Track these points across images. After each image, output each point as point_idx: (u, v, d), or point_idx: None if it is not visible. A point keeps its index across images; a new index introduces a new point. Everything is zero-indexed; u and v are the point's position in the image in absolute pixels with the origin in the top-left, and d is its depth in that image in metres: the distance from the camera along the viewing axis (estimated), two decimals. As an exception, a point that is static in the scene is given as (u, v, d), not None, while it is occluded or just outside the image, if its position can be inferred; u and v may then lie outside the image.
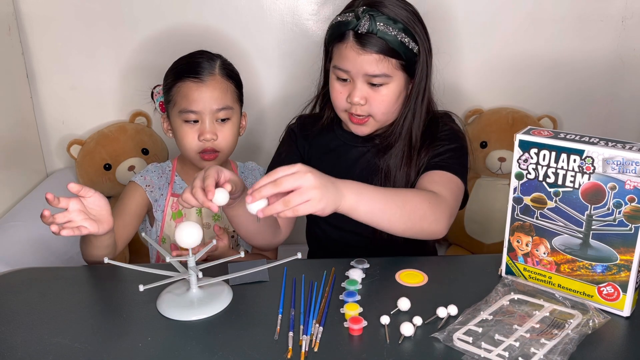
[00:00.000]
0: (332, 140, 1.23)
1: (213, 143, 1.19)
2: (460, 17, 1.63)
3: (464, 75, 1.69)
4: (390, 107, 1.13)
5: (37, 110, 1.68)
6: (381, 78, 1.09)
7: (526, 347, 0.76)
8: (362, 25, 1.07)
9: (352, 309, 0.85)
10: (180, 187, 1.27)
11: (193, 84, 1.17)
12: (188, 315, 0.86)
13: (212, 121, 1.18)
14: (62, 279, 0.99)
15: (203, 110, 1.17)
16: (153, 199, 1.25)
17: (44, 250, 1.35)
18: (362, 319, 0.82)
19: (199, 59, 1.20)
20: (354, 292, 0.90)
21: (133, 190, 1.25)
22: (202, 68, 1.18)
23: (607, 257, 0.83)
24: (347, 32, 1.09)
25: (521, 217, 0.90)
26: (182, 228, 0.86)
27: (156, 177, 1.27)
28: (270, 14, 1.62)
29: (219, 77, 1.20)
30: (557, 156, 0.83)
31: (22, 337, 0.82)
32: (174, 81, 1.19)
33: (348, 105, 1.13)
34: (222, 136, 1.19)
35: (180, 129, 1.19)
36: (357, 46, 1.08)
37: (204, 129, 1.18)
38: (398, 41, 1.08)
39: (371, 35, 1.07)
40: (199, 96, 1.17)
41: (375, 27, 1.06)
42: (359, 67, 1.09)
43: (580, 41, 1.66)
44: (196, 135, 1.18)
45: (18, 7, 1.58)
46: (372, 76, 1.09)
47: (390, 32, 1.07)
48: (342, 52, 1.10)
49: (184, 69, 1.19)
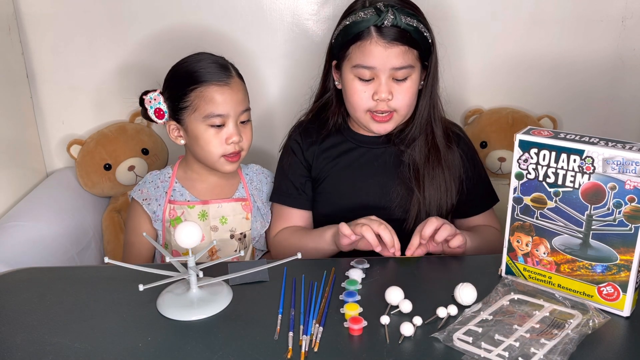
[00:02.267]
0: (342, 144, 1.24)
1: (239, 144, 1.19)
2: (461, 17, 1.63)
3: (464, 75, 1.69)
4: (412, 99, 1.15)
5: (37, 110, 1.68)
6: (406, 70, 1.11)
7: (526, 347, 0.76)
8: (387, 19, 1.07)
9: (352, 309, 0.85)
10: (180, 194, 1.26)
11: (218, 87, 1.16)
12: (188, 315, 0.86)
13: (236, 123, 1.18)
14: (62, 279, 0.99)
15: (229, 113, 1.16)
16: (151, 211, 1.25)
17: (44, 250, 1.35)
18: (362, 319, 0.82)
19: (212, 62, 1.18)
20: (354, 292, 0.90)
21: (135, 211, 1.27)
22: (222, 71, 1.17)
23: (607, 257, 0.83)
24: (369, 29, 1.09)
25: (521, 217, 0.90)
26: (181, 228, 0.86)
27: (153, 188, 1.27)
28: (270, 14, 1.62)
29: (237, 79, 1.20)
30: (557, 156, 0.83)
31: (22, 337, 0.82)
32: (191, 86, 1.16)
33: (372, 104, 1.13)
34: (246, 137, 1.21)
35: (205, 134, 1.17)
36: (383, 40, 1.08)
37: (231, 132, 1.17)
38: (419, 32, 1.09)
39: (396, 28, 1.08)
40: (225, 99, 1.16)
41: (399, 20, 1.07)
42: (386, 62, 1.09)
43: (580, 41, 1.65)
44: (222, 140, 1.17)
45: (18, 7, 1.58)
46: (398, 69, 1.10)
47: (412, 24, 1.08)
48: (365, 49, 1.10)
49: (202, 73, 1.16)
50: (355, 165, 1.22)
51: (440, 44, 1.20)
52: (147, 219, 1.26)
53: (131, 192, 1.29)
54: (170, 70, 1.22)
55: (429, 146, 1.18)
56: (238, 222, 1.28)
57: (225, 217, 1.27)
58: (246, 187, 1.31)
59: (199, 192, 1.27)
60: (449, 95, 1.27)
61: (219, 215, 1.26)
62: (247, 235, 1.29)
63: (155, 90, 1.22)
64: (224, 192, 1.28)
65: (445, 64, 1.26)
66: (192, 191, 1.27)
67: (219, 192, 1.28)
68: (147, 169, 1.64)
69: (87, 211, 1.58)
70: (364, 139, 1.23)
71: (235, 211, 1.28)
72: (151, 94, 1.21)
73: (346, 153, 1.23)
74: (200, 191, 1.27)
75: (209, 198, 1.27)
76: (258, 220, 1.31)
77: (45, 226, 1.41)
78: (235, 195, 1.29)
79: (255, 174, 1.34)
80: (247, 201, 1.29)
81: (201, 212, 1.25)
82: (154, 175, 1.29)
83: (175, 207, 1.25)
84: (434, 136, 1.19)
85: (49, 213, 1.47)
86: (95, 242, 1.57)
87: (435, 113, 1.20)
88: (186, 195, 1.26)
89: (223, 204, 1.27)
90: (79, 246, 1.47)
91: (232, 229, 1.28)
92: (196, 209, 1.25)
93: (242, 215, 1.28)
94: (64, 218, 1.48)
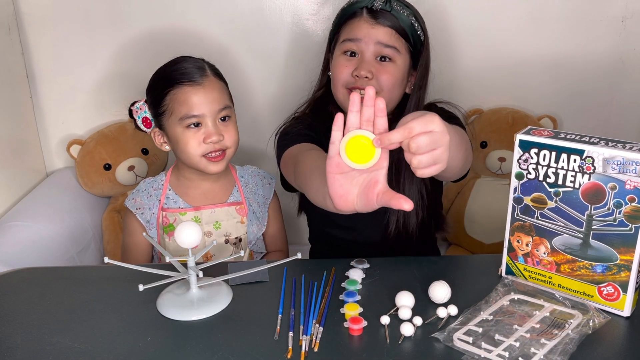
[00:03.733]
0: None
1: (220, 143, 1.16)
2: (460, 17, 1.63)
3: (464, 75, 1.68)
4: (395, 85, 1.11)
5: (37, 110, 1.68)
6: (391, 49, 1.09)
7: (526, 347, 0.76)
8: (377, 2, 1.08)
9: (352, 309, 0.85)
10: (174, 201, 1.24)
11: (190, 87, 1.14)
12: (188, 315, 0.86)
13: (214, 122, 1.16)
14: (62, 279, 0.99)
15: (205, 113, 1.14)
16: (145, 220, 1.24)
17: (44, 250, 1.35)
18: (362, 319, 0.82)
19: (186, 63, 1.17)
20: (354, 292, 0.90)
21: (130, 220, 1.26)
22: (194, 71, 1.16)
23: (607, 257, 0.83)
24: (361, 9, 1.10)
25: (521, 217, 0.90)
26: (181, 228, 0.86)
27: (146, 196, 1.25)
28: (269, 14, 1.62)
29: (212, 77, 1.18)
30: (557, 156, 0.83)
31: (22, 337, 0.82)
32: (165, 90, 1.15)
33: (351, 80, 1.10)
34: (228, 135, 1.17)
35: (183, 136, 1.15)
36: (370, 19, 1.09)
37: (209, 131, 1.15)
38: (409, 22, 1.10)
39: (385, 11, 1.08)
40: (199, 99, 1.14)
41: (389, 5, 1.07)
42: (372, 34, 1.09)
43: (580, 41, 1.65)
44: (200, 139, 1.15)
45: (18, 7, 1.58)
46: (384, 46, 1.09)
47: (403, 13, 1.08)
48: (354, 25, 1.10)
49: (176, 75, 1.15)
50: None
51: (441, 43, 1.20)
52: (141, 228, 1.24)
53: (125, 201, 1.28)
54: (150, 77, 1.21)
55: None
56: (232, 226, 1.26)
57: (219, 221, 1.24)
58: (241, 190, 1.28)
59: (192, 199, 1.25)
60: (449, 96, 1.27)
61: (213, 220, 1.24)
62: (243, 240, 1.27)
63: (141, 100, 1.21)
64: (217, 197, 1.26)
65: (446, 64, 1.26)
66: (185, 198, 1.25)
67: (213, 197, 1.26)
68: (147, 169, 1.64)
69: (87, 211, 1.58)
70: None
71: (229, 215, 1.25)
72: (137, 103, 1.21)
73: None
74: (194, 197, 1.25)
75: (202, 204, 1.24)
76: (254, 223, 1.28)
77: (45, 226, 1.41)
78: (229, 200, 1.26)
79: (251, 176, 1.32)
80: (242, 205, 1.27)
81: (194, 218, 1.23)
82: (147, 183, 1.28)
83: (167, 214, 1.24)
84: None
85: (49, 213, 1.47)
86: (95, 242, 1.57)
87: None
88: (179, 202, 1.24)
89: (216, 209, 1.25)
90: (79, 246, 1.48)
91: (227, 233, 1.25)
92: (188, 215, 1.23)
93: (237, 219, 1.26)
94: (64, 218, 1.48)
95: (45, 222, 1.42)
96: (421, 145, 0.70)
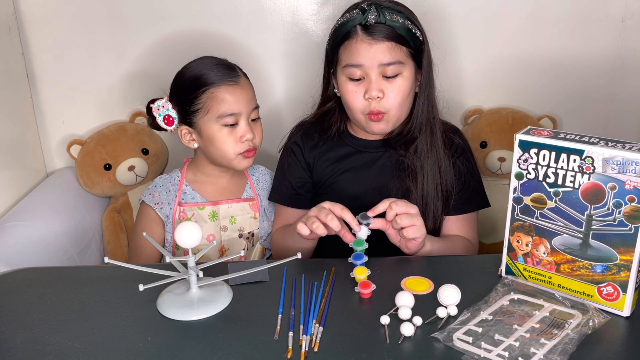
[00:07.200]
0: (341, 147, 1.25)
1: (252, 142, 1.21)
2: (460, 17, 1.63)
3: (464, 75, 1.69)
4: (404, 99, 1.14)
5: (37, 110, 1.68)
6: (395, 66, 1.10)
7: (526, 347, 0.76)
8: (370, 16, 1.08)
9: (361, 273, 0.90)
10: (191, 196, 1.28)
11: (228, 87, 1.18)
12: (188, 315, 0.86)
13: (248, 121, 1.20)
14: (62, 279, 0.99)
15: (242, 111, 1.19)
16: (164, 215, 1.26)
17: (44, 250, 1.35)
18: (371, 283, 0.88)
19: (218, 64, 1.20)
20: (361, 254, 0.94)
21: (146, 215, 1.27)
22: (229, 71, 1.20)
23: (607, 257, 0.83)
24: (355, 28, 1.10)
25: (521, 217, 0.90)
26: (181, 228, 0.86)
27: (164, 192, 1.28)
28: (270, 14, 1.62)
29: (244, 78, 1.23)
30: (557, 156, 0.83)
31: (22, 337, 0.82)
32: (202, 88, 1.18)
33: (366, 104, 1.13)
34: (258, 134, 1.23)
35: (219, 134, 1.19)
36: (368, 37, 1.09)
37: (244, 129, 1.19)
38: (406, 28, 1.10)
39: (380, 24, 1.08)
40: (237, 98, 1.18)
41: (383, 17, 1.08)
42: (373, 58, 1.09)
43: (580, 41, 1.66)
44: (236, 138, 1.19)
45: (18, 7, 1.58)
46: (387, 65, 1.10)
47: (398, 20, 1.09)
48: (352, 48, 1.11)
49: (212, 75, 1.18)
50: (355, 169, 1.23)
51: (440, 43, 1.20)
52: (159, 223, 1.27)
53: (142, 197, 1.30)
54: (176, 76, 1.23)
55: (427, 148, 1.18)
56: (246, 221, 1.30)
57: (235, 216, 1.29)
58: (253, 187, 1.33)
59: (209, 194, 1.29)
60: (448, 96, 1.27)
61: (229, 215, 1.29)
62: (256, 235, 1.32)
63: (162, 98, 1.22)
64: (232, 193, 1.31)
65: (446, 64, 1.26)
66: (202, 193, 1.29)
67: (228, 193, 1.31)
68: (147, 169, 1.64)
69: (87, 211, 1.58)
70: (363, 143, 1.24)
71: (243, 210, 1.30)
72: (158, 101, 1.22)
73: (346, 157, 1.24)
74: (210, 193, 1.29)
75: (218, 199, 1.29)
76: (265, 220, 1.33)
77: (45, 226, 1.41)
78: (243, 196, 1.32)
79: (261, 174, 1.37)
80: (255, 201, 1.32)
81: (212, 212, 1.27)
82: (164, 179, 1.30)
83: (185, 209, 1.27)
84: (432, 138, 1.18)
85: (49, 213, 1.47)
86: (95, 242, 1.57)
87: (434, 113, 1.19)
88: (197, 198, 1.28)
89: (233, 204, 1.29)
90: (79, 246, 1.48)
91: (241, 228, 1.30)
92: (207, 210, 1.27)
93: (250, 214, 1.31)
94: (64, 218, 1.48)
95: (45, 222, 1.42)
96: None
